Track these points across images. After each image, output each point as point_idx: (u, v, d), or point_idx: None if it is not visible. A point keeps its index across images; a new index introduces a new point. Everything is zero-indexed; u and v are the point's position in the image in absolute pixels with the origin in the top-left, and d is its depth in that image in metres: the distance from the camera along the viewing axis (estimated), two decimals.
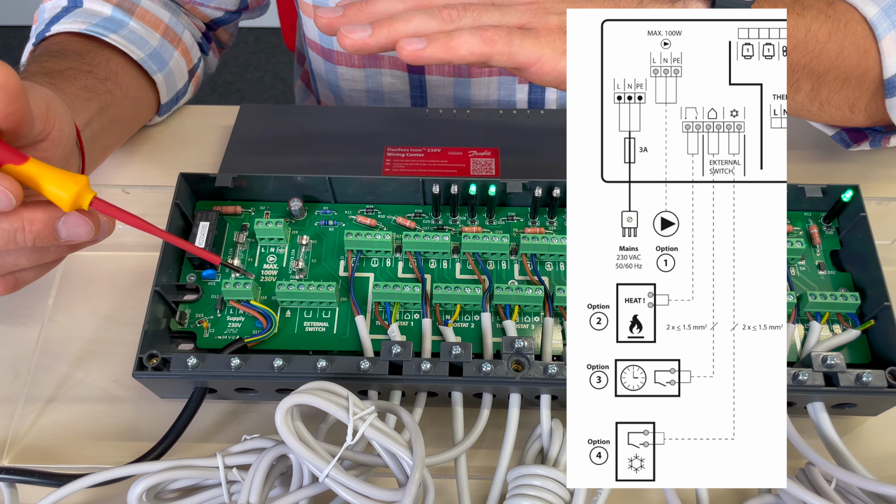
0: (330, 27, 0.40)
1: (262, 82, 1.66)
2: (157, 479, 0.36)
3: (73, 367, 0.44)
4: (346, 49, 0.38)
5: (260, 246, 0.44)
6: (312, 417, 0.36)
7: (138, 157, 0.55)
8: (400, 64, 0.61)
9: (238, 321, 0.42)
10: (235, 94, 1.64)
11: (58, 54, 0.48)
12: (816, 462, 0.36)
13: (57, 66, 0.47)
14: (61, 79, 0.45)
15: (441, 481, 0.40)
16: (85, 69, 0.48)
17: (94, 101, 0.46)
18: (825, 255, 0.44)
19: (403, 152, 0.53)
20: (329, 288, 0.41)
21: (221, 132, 0.56)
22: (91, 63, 0.49)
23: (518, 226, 0.45)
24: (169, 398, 0.42)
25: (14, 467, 0.37)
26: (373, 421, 0.34)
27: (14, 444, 0.41)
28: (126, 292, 0.47)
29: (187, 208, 0.44)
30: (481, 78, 0.61)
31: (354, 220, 0.45)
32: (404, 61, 0.38)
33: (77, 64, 0.48)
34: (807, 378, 0.36)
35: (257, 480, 0.35)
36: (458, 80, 0.61)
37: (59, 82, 0.45)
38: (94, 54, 0.50)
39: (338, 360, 0.37)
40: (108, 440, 0.41)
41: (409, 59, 0.37)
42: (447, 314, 0.42)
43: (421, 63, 0.37)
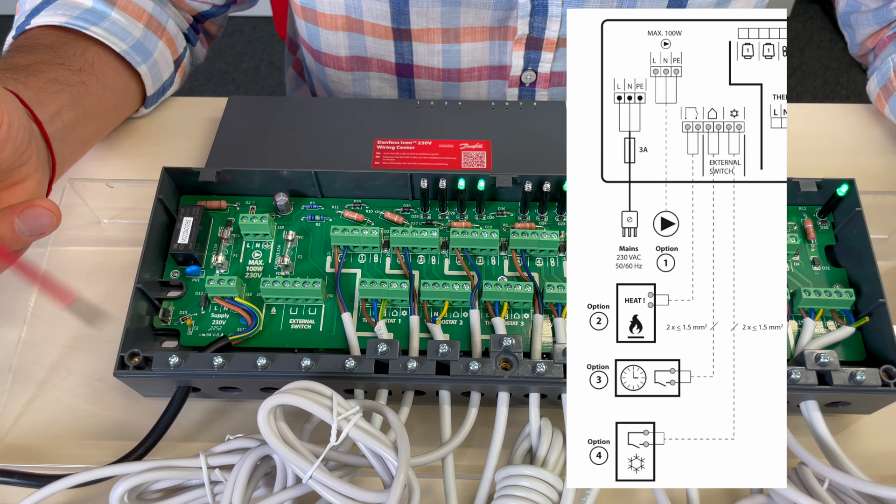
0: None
1: (257, 72, 1.65)
2: (140, 479, 0.35)
3: (56, 365, 0.43)
4: None
5: (245, 241, 0.44)
6: (297, 416, 0.35)
7: (123, 150, 0.54)
8: (388, 66, 0.61)
9: (222, 318, 0.41)
10: (231, 83, 1.63)
11: (27, 49, 0.47)
12: (809, 462, 0.35)
13: (23, 61, 0.46)
14: (26, 73, 0.45)
15: (428, 481, 0.39)
16: (56, 62, 0.47)
17: (63, 93, 0.45)
18: (820, 250, 0.43)
19: (394, 145, 0.52)
20: (315, 284, 0.40)
21: (209, 124, 0.55)
22: (63, 55, 0.48)
23: (508, 221, 0.44)
24: (152, 397, 0.41)
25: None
26: (357, 421, 0.33)
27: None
28: (110, 288, 0.46)
29: (171, 203, 0.44)
30: (471, 82, 0.60)
31: (341, 216, 0.45)
32: None
33: (46, 57, 0.47)
34: (800, 377, 0.36)
35: (240, 481, 0.34)
36: (447, 83, 0.61)
37: (22, 77, 0.44)
38: (68, 46, 0.49)
39: (322, 359, 0.37)
40: (90, 439, 0.41)
41: None
42: (435, 311, 0.41)
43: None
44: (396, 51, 0.59)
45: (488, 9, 0.54)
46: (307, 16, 0.59)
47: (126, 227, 0.49)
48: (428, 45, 0.58)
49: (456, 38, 0.57)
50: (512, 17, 0.55)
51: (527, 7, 0.54)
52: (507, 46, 0.58)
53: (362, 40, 0.59)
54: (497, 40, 0.58)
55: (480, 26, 0.56)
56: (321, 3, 0.57)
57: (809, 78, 1.62)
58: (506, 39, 0.57)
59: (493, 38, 0.57)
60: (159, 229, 0.42)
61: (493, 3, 0.54)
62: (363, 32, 0.58)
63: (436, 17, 0.55)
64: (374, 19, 0.56)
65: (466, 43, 0.58)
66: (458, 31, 0.57)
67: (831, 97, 1.58)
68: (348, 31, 0.58)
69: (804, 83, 1.61)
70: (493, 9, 0.54)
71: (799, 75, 1.62)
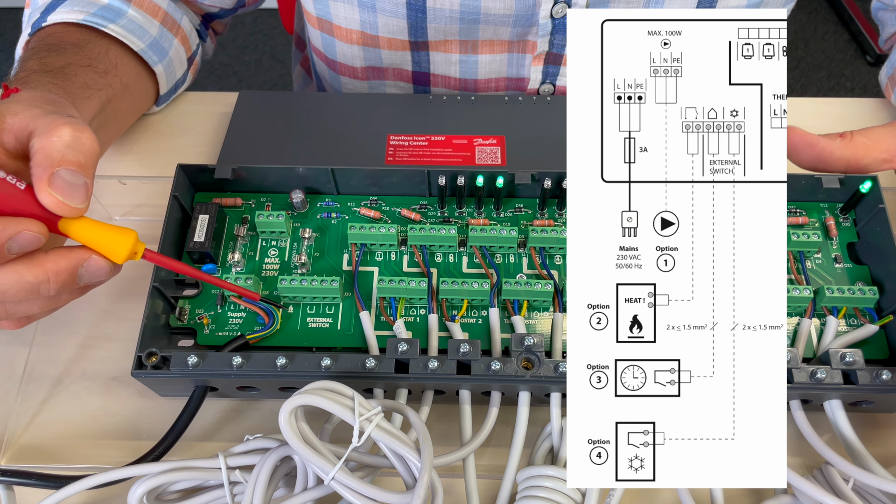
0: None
1: (259, 65, 1.64)
2: (158, 480, 0.35)
3: (71, 364, 0.43)
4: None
5: (261, 239, 0.43)
6: (317, 415, 0.35)
7: (134, 146, 0.53)
8: (404, 75, 0.60)
9: (239, 317, 0.41)
10: (233, 76, 1.62)
11: (56, 48, 0.47)
12: (833, 462, 0.35)
13: (56, 63, 0.45)
14: (62, 77, 0.44)
15: (448, 480, 0.39)
16: (84, 63, 0.46)
17: (93, 98, 0.45)
18: (842, 247, 0.43)
19: (407, 140, 0.51)
20: (332, 283, 0.40)
21: (220, 119, 0.55)
22: (90, 55, 0.47)
23: (526, 218, 0.44)
24: (169, 396, 0.41)
25: (11, 469, 0.36)
26: (379, 422, 0.33)
27: (11, 443, 0.40)
28: (125, 286, 0.45)
29: (186, 201, 0.43)
30: (487, 93, 0.59)
31: (358, 213, 0.44)
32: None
33: (76, 58, 0.46)
34: (825, 376, 0.35)
35: (261, 483, 0.34)
36: (464, 94, 0.60)
37: (59, 80, 0.43)
38: (93, 45, 0.48)
39: (342, 358, 0.36)
40: (107, 438, 0.40)
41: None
42: (454, 309, 0.41)
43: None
44: (413, 60, 0.58)
45: (508, 26, 0.54)
46: (323, 27, 0.58)
47: (139, 223, 0.48)
48: (445, 55, 0.57)
49: (474, 50, 0.57)
50: (531, 32, 0.55)
51: (547, 27, 0.54)
52: (525, 60, 0.57)
53: (378, 53, 0.58)
54: (516, 53, 0.57)
55: (499, 39, 0.56)
56: (337, 16, 0.56)
57: (814, 70, 1.61)
58: (524, 53, 0.57)
59: (512, 50, 0.57)
60: (175, 227, 0.42)
61: (512, 20, 0.53)
62: (379, 47, 0.58)
63: (454, 32, 0.55)
64: (390, 35, 0.56)
65: (484, 55, 0.57)
66: (477, 43, 0.56)
67: (836, 89, 1.58)
68: (363, 45, 0.58)
69: (809, 75, 1.61)
70: (513, 26, 0.54)
71: (804, 67, 1.61)
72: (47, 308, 0.36)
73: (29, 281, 0.32)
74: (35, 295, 0.33)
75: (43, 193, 0.31)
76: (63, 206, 0.31)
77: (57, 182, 0.31)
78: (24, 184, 0.32)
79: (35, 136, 0.32)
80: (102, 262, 0.34)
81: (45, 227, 0.32)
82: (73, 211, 0.32)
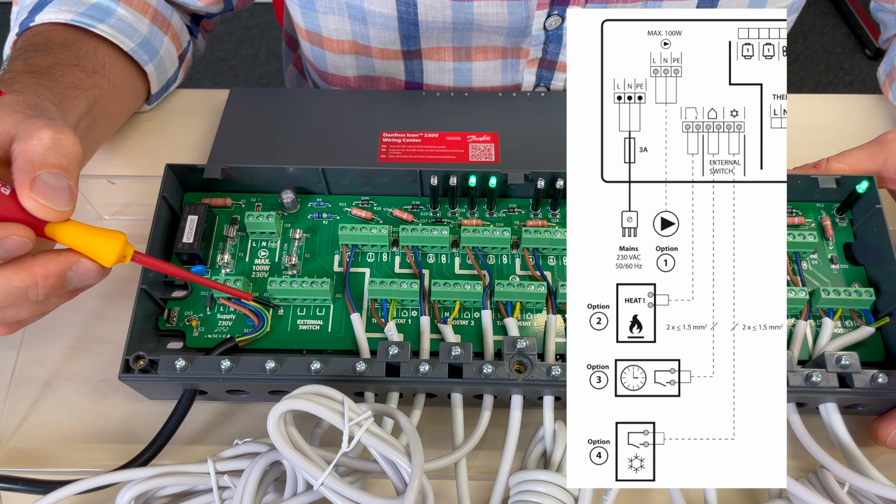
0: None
1: (255, 59, 1.63)
2: (146, 486, 0.35)
3: (60, 367, 0.42)
4: None
5: (251, 240, 0.43)
6: (307, 419, 0.34)
7: (126, 146, 0.53)
8: (397, 84, 0.60)
9: (229, 319, 0.40)
10: (229, 71, 1.61)
11: (43, 48, 0.46)
12: (829, 465, 0.35)
13: (43, 63, 0.44)
14: (48, 77, 0.43)
15: (440, 482, 0.38)
16: (72, 63, 0.46)
17: (80, 99, 0.44)
18: (838, 248, 0.42)
19: (400, 137, 0.51)
20: (323, 284, 0.39)
21: (211, 117, 0.54)
22: (77, 55, 0.46)
23: (520, 218, 0.43)
24: (158, 399, 0.41)
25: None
26: (369, 426, 0.33)
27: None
28: (115, 287, 0.45)
29: (175, 201, 0.43)
30: (483, 90, 0.59)
31: (349, 213, 0.44)
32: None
33: (63, 58, 0.45)
34: (820, 379, 0.35)
35: (250, 488, 0.33)
36: (457, 91, 0.60)
37: (45, 80, 0.43)
38: (80, 44, 0.47)
39: (332, 362, 0.36)
40: (95, 442, 0.40)
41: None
42: (446, 311, 0.40)
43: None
44: (406, 69, 0.58)
45: (501, 35, 0.53)
46: (312, 39, 0.58)
47: (129, 223, 0.48)
48: (438, 63, 0.57)
49: (467, 57, 0.56)
50: (525, 41, 0.54)
51: (541, 37, 0.54)
52: (519, 65, 0.57)
53: (370, 62, 0.58)
54: (510, 59, 0.57)
55: (493, 46, 0.55)
56: (327, 29, 0.56)
57: (813, 63, 1.60)
58: (518, 58, 0.57)
59: (506, 57, 0.57)
60: (163, 227, 0.41)
61: (506, 31, 0.53)
62: (371, 56, 0.57)
63: (447, 39, 0.55)
64: (382, 45, 0.55)
65: (478, 62, 0.57)
66: (470, 50, 0.56)
67: (835, 83, 1.57)
68: (355, 55, 0.57)
69: (807, 69, 1.60)
70: (507, 35, 0.54)
71: (802, 61, 1.61)
72: (36, 312, 0.36)
73: (17, 286, 0.32)
74: (23, 300, 0.33)
75: (25, 198, 0.31)
76: (47, 209, 0.31)
77: (39, 186, 0.31)
78: (8, 189, 0.31)
79: (16, 141, 0.32)
80: (91, 266, 0.34)
81: (32, 231, 0.32)
82: (57, 214, 0.31)
